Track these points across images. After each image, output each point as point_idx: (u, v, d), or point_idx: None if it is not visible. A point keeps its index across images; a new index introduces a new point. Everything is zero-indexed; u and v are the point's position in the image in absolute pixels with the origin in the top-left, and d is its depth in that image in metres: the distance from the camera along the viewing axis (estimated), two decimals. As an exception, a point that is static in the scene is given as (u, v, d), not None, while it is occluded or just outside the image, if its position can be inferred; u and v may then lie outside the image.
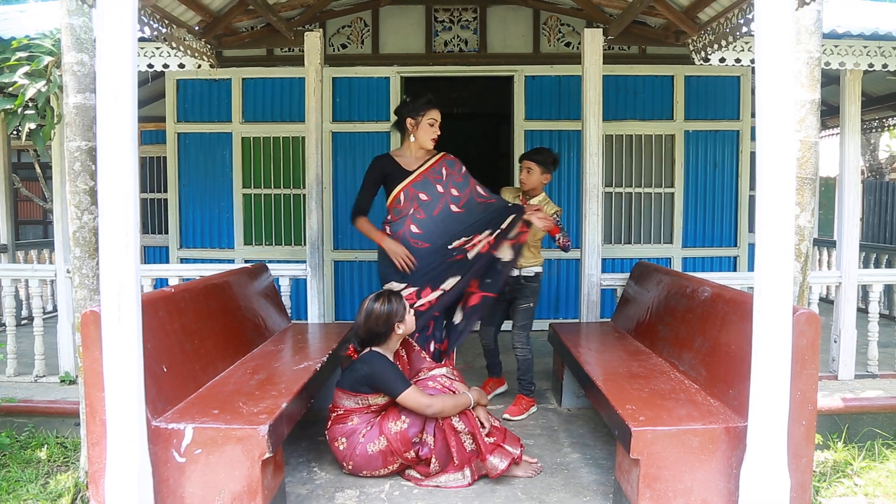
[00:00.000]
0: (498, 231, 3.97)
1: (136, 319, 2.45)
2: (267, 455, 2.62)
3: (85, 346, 2.62)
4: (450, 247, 3.93)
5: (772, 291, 2.47)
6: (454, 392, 3.37)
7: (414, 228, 3.92)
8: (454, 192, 3.99)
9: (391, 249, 3.90)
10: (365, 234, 4.00)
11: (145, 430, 2.53)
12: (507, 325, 4.50)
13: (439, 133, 3.97)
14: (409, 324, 3.44)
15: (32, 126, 4.05)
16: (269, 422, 2.66)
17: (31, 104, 4.00)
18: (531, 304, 4.38)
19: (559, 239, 4.19)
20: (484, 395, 3.50)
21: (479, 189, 4.06)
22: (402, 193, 3.95)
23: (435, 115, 3.91)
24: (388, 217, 4.03)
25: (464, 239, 3.94)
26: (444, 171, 4.01)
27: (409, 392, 3.22)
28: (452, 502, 3.10)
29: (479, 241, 3.96)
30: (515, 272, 4.21)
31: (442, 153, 4.07)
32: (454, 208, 3.96)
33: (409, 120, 3.92)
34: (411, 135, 3.95)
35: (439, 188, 3.97)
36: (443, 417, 3.22)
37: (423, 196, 3.95)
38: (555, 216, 4.22)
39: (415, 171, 3.97)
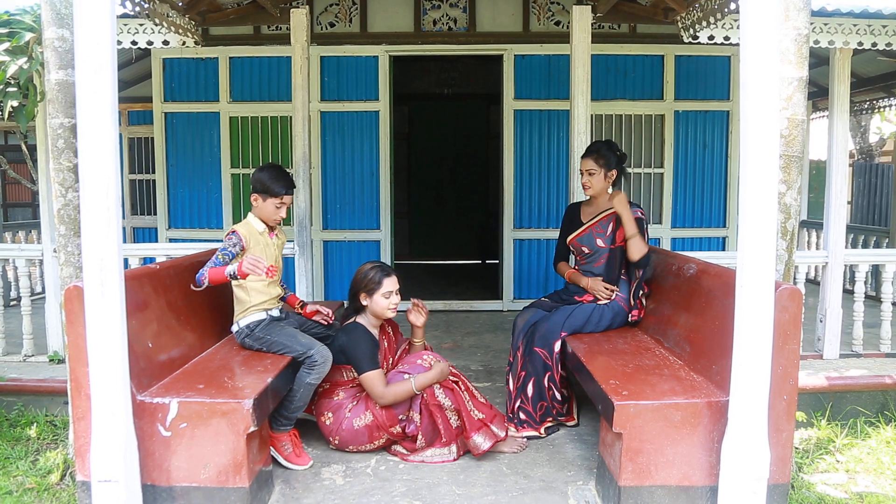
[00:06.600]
0: None
1: (119, 295, 2.44)
2: (252, 429, 2.63)
3: (69, 322, 2.62)
4: None
5: (754, 266, 2.48)
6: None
7: None
8: None
9: None
10: None
11: (130, 404, 2.54)
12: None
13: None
14: (375, 302, 3.33)
15: (15, 104, 3.99)
16: (254, 396, 2.67)
17: (12, 82, 3.93)
18: None
19: None
20: (444, 367, 3.34)
21: None
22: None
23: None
24: None
25: None
26: None
27: (371, 374, 3.21)
28: (438, 476, 3.12)
29: None
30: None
31: None
32: None
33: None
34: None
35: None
36: (427, 392, 3.23)
37: None
38: None
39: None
